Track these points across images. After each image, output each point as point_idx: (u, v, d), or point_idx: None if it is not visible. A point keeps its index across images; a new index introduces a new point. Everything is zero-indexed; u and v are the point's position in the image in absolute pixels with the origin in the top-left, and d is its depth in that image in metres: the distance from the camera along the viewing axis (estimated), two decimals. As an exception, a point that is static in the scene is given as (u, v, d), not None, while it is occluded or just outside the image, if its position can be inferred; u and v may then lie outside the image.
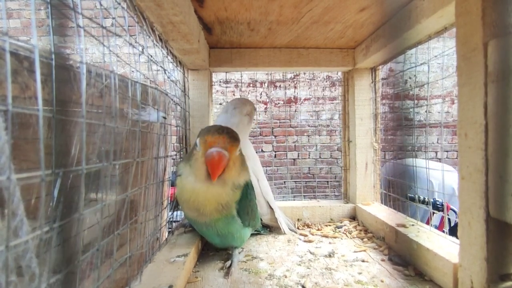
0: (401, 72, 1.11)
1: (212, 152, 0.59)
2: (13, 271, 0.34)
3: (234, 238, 0.71)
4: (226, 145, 0.61)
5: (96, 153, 0.56)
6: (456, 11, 0.48)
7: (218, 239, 0.72)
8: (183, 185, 0.65)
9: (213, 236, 0.71)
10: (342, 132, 1.11)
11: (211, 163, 0.59)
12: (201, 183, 0.62)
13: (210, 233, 0.70)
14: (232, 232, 0.69)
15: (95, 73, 0.53)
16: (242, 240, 0.74)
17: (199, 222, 0.67)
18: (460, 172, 0.48)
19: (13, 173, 0.35)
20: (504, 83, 0.40)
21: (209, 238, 0.74)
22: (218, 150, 0.59)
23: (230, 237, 0.71)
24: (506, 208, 0.40)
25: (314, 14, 0.75)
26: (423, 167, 0.80)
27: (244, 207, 0.68)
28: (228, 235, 0.70)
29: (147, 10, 0.54)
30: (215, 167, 0.59)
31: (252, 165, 0.89)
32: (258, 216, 0.80)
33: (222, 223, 0.67)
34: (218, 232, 0.68)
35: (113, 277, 0.44)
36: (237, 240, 0.72)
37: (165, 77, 0.71)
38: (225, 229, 0.68)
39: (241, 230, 0.71)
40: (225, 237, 0.70)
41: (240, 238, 0.72)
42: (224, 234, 0.69)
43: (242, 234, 0.73)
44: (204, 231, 0.70)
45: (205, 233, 0.72)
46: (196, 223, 0.69)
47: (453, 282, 0.53)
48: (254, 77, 3.25)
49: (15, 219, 0.35)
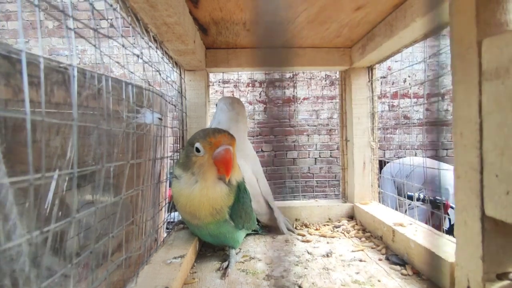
0: (398, 70, 1.11)
1: (221, 151, 0.60)
2: (6, 274, 0.34)
3: (227, 238, 0.72)
4: (230, 142, 0.63)
5: (91, 155, 0.56)
6: (450, 10, 0.48)
7: (211, 238, 0.74)
8: (181, 191, 0.66)
9: (206, 236, 0.73)
10: (340, 132, 1.11)
11: (224, 161, 0.60)
12: (202, 188, 0.63)
13: (203, 233, 0.73)
14: (224, 233, 0.71)
15: (89, 76, 0.52)
16: (236, 240, 0.75)
17: (191, 224, 0.71)
18: (456, 171, 0.48)
19: (5, 176, 0.35)
20: (499, 81, 0.40)
21: (202, 237, 0.76)
22: (226, 147, 0.60)
23: (222, 237, 0.72)
24: (501, 206, 0.40)
25: (309, 14, 0.75)
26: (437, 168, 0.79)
27: (236, 211, 0.69)
28: (220, 236, 0.72)
29: (141, 12, 0.54)
30: (229, 164, 0.60)
31: (252, 165, 0.88)
32: (253, 218, 0.81)
33: (214, 226, 0.68)
34: (210, 233, 0.71)
35: (109, 279, 0.44)
36: (230, 240, 0.73)
37: (161, 79, 0.71)
38: (217, 231, 0.70)
39: (233, 232, 0.72)
40: (217, 237, 0.72)
41: (232, 238, 0.73)
42: (216, 234, 0.71)
43: (235, 235, 0.73)
44: (196, 231, 0.74)
45: (197, 233, 0.75)
46: (189, 224, 0.72)
47: (450, 281, 0.53)
48: (252, 76, 3.25)
49: (7, 222, 0.35)
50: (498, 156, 0.40)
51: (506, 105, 0.38)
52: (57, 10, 0.28)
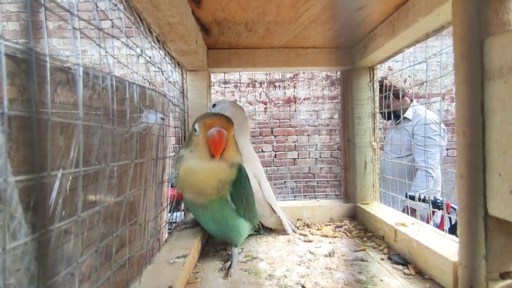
0: (399, 70, 1.11)
1: (212, 132, 0.64)
2: (12, 273, 0.34)
3: (229, 227, 0.73)
4: (224, 125, 0.66)
5: (94, 155, 0.56)
6: (453, 9, 0.48)
7: (214, 226, 0.74)
8: (185, 168, 0.69)
9: (209, 222, 0.73)
10: (341, 132, 1.11)
11: (214, 141, 0.64)
12: (202, 163, 0.67)
13: (206, 218, 0.72)
14: (226, 217, 0.72)
15: (92, 75, 0.53)
16: (238, 232, 0.75)
17: (197, 205, 0.70)
18: (458, 170, 0.48)
19: (11, 175, 0.35)
20: (501, 80, 0.40)
21: (206, 225, 0.76)
22: (218, 129, 0.64)
23: (225, 225, 0.73)
24: (504, 205, 0.40)
25: (311, 14, 0.75)
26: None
27: (238, 193, 0.71)
28: (223, 221, 0.72)
29: (144, 12, 0.54)
30: (218, 145, 0.64)
31: (254, 167, 0.88)
32: (255, 211, 0.81)
33: (217, 206, 0.69)
34: (213, 217, 0.71)
35: (112, 279, 0.44)
36: (232, 229, 0.74)
37: (163, 79, 0.71)
38: (220, 213, 0.71)
39: (235, 219, 0.73)
40: (220, 223, 0.72)
41: (234, 227, 0.74)
42: (219, 220, 0.71)
43: (237, 223, 0.74)
44: (201, 216, 0.73)
45: (202, 219, 0.75)
46: (195, 206, 0.71)
47: (453, 281, 0.53)
48: (253, 77, 3.26)
49: (13, 221, 0.35)
50: (501, 155, 0.40)
51: (509, 104, 0.39)
52: (64, 9, 0.29)
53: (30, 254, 0.35)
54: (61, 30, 3.25)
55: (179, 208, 1.07)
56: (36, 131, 0.29)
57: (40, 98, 0.38)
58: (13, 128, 0.39)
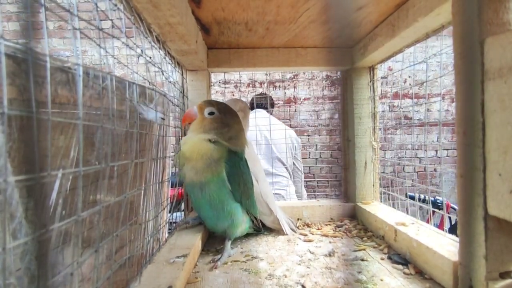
0: (399, 70, 1.11)
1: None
2: (12, 273, 0.34)
3: (225, 213, 0.75)
4: (200, 105, 0.78)
5: (95, 155, 0.56)
6: (453, 9, 0.48)
7: (211, 212, 0.75)
8: (182, 140, 0.79)
9: (206, 206, 0.75)
10: (341, 132, 1.11)
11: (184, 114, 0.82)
12: (191, 136, 0.77)
13: (204, 202, 0.74)
14: (222, 201, 0.74)
15: (92, 75, 0.53)
16: (234, 221, 0.76)
17: (195, 184, 0.74)
18: (458, 170, 0.48)
19: (11, 175, 0.35)
20: (501, 80, 0.40)
21: (203, 211, 0.77)
22: (192, 107, 0.80)
23: (221, 210, 0.74)
24: (504, 205, 0.40)
25: (311, 14, 0.75)
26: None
27: (235, 176, 0.74)
28: (219, 206, 0.74)
29: (144, 12, 0.54)
30: (184, 117, 0.81)
31: (252, 166, 0.89)
32: (253, 201, 0.83)
33: (214, 186, 0.73)
34: (210, 199, 0.73)
35: (112, 278, 0.44)
36: (228, 216, 0.75)
37: (163, 79, 0.71)
38: (216, 196, 0.73)
39: (232, 204, 0.75)
40: (216, 208, 0.74)
41: (231, 214, 0.75)
42: (216, 204, 0.74)
43: (234, 210, 0.75)
44: (200, 200, 0.75)
45: (199, 203, 0.76)
46: (194, 187, 0.75)
47: (453, 281, 0.53)
48: (253, 77, 3.26)
49: (13, 221, 0.35)
50: (501, 155, 0.40)
51: (509, 104, 0.39)
52: (64, 10, 0.29)
53: (30, 253, 0.35)
54: (61, 31, 3.25)
55: (179, 208, 1.07)
56: (36, 131, 0.29)
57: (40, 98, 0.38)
58: (13, 128, 0.39)
